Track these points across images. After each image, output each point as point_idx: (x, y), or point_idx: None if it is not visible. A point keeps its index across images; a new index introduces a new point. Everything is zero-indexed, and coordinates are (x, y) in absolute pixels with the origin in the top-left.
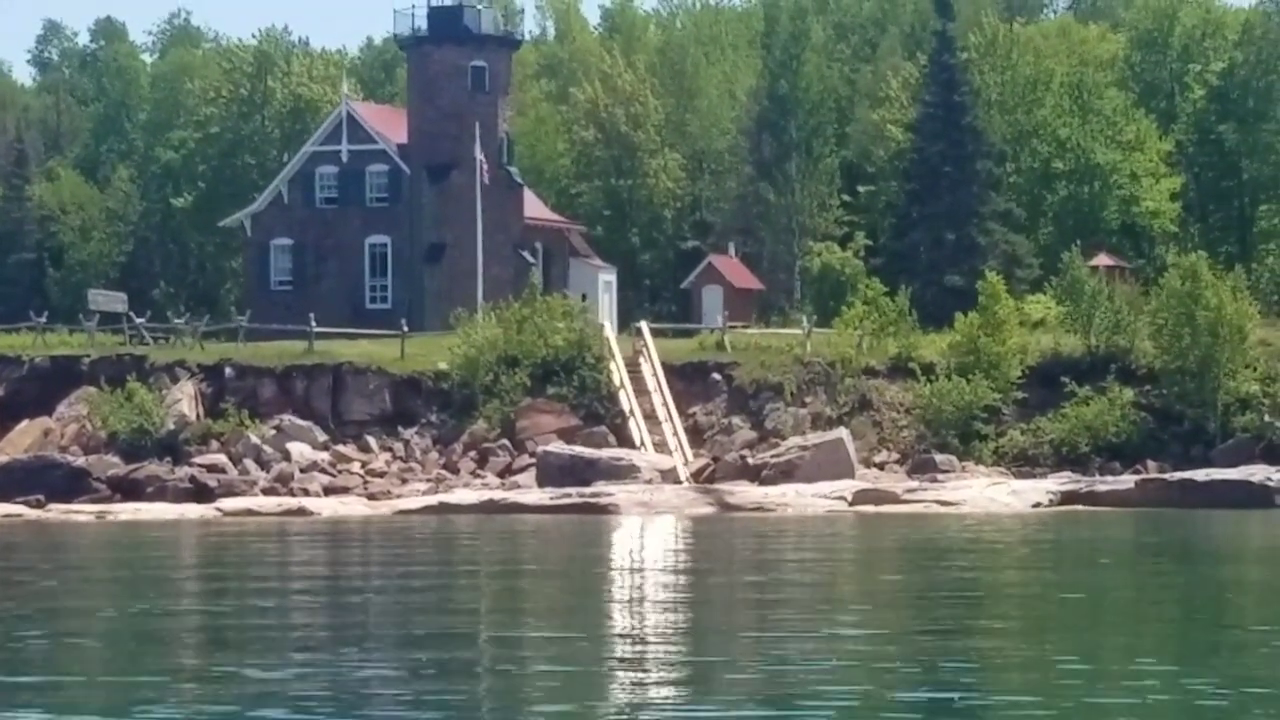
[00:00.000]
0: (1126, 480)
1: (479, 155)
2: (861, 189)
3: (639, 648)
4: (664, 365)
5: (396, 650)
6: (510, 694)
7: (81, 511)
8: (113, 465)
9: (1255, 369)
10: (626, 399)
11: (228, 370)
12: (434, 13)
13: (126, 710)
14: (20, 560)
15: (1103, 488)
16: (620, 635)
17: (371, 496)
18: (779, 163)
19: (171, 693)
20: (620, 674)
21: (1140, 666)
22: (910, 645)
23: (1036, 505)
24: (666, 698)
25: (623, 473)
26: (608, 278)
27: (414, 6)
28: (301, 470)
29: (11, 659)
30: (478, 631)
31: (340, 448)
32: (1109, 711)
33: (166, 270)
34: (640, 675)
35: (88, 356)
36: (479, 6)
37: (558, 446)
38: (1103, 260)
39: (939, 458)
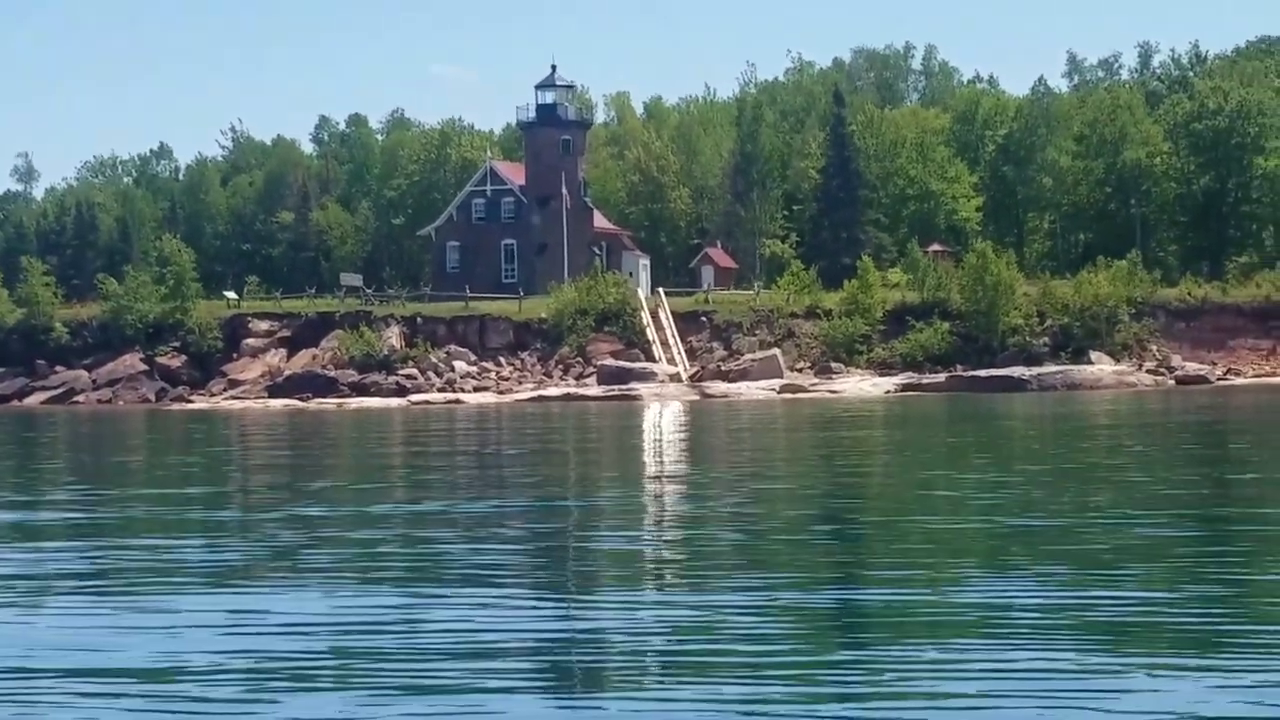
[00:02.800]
0: (941, 376)
1: (564, 192)
2: (794, 208)
3: (661, 471)
4: (673, 313)
5: (513, 458)
6: (585, 491)
7: (328, 403)
8: (351, 376)
9: (1020, 309)
10: (651, 333)
11: (419, 319)
12: (540, 109)
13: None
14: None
15: (927, 381)
16: (649, 465)
17: (500, 392)
18: (747, 193)
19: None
20: (652, 486)
21: (933, 472)
22: (812, 465)
23: (888, 392)
24: (681, 495)
25: (647, 376)
26: (645, 262)
27: (530, 104)
28: (460, 378)
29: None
30: (567, 464)
31: (483, 364)
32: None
33: (389, 261)
34: (663, 483)
35: (339, 312)
36: (566, 104)
37: (609, 361)
38: (935, 247)
39: (834, 365)
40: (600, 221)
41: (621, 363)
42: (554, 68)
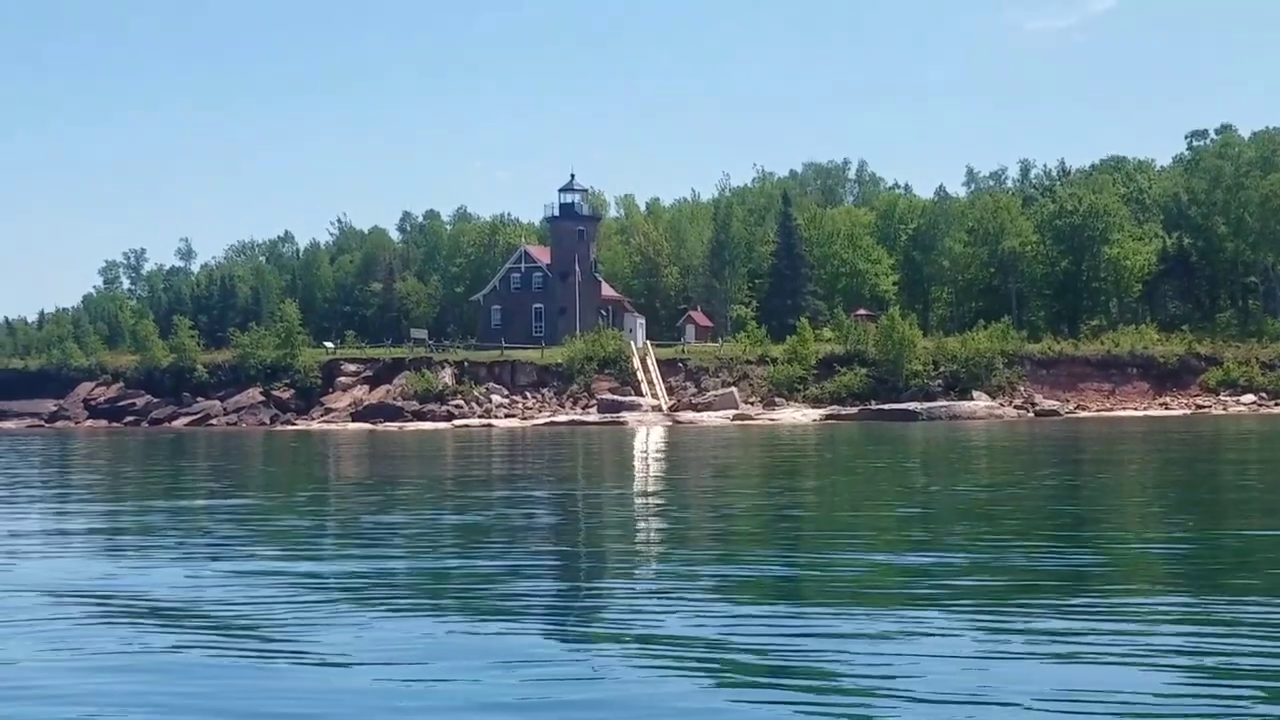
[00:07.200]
0: (854, 409)
1: (578, 269)
2: (756, 281)
3: (650, 476)
4: (658, 360)
5: (539, 470)
6: (592, 493)
7: (392, 426)
8: (414, 405)
9: (920, 359)
10: (640, 374)
11: (466, 363)
12: (562, 207)
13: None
14: (386, 450)
15: (844, 412)
16: (641, 475)
17: (524, 419)
18: (721, 270)
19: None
20: (640, 486)
21: (854, 474)
22: (757, 472)
23: (814, 420)
24: (664, 502)
25: (635, 407)
26: (641, 321)
27: (554, 204)
28: (495, 407)
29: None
30: (576, 473)
31: (514, 397)
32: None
33: (452, 319)
34: (650, 482)
35: (408, 357)
36: (582, 203)
37: (608, 395)
38: (861, 312)
39: (777, 400)
40: (607, 290)
41: (617, 397)
42: (573, 175)
